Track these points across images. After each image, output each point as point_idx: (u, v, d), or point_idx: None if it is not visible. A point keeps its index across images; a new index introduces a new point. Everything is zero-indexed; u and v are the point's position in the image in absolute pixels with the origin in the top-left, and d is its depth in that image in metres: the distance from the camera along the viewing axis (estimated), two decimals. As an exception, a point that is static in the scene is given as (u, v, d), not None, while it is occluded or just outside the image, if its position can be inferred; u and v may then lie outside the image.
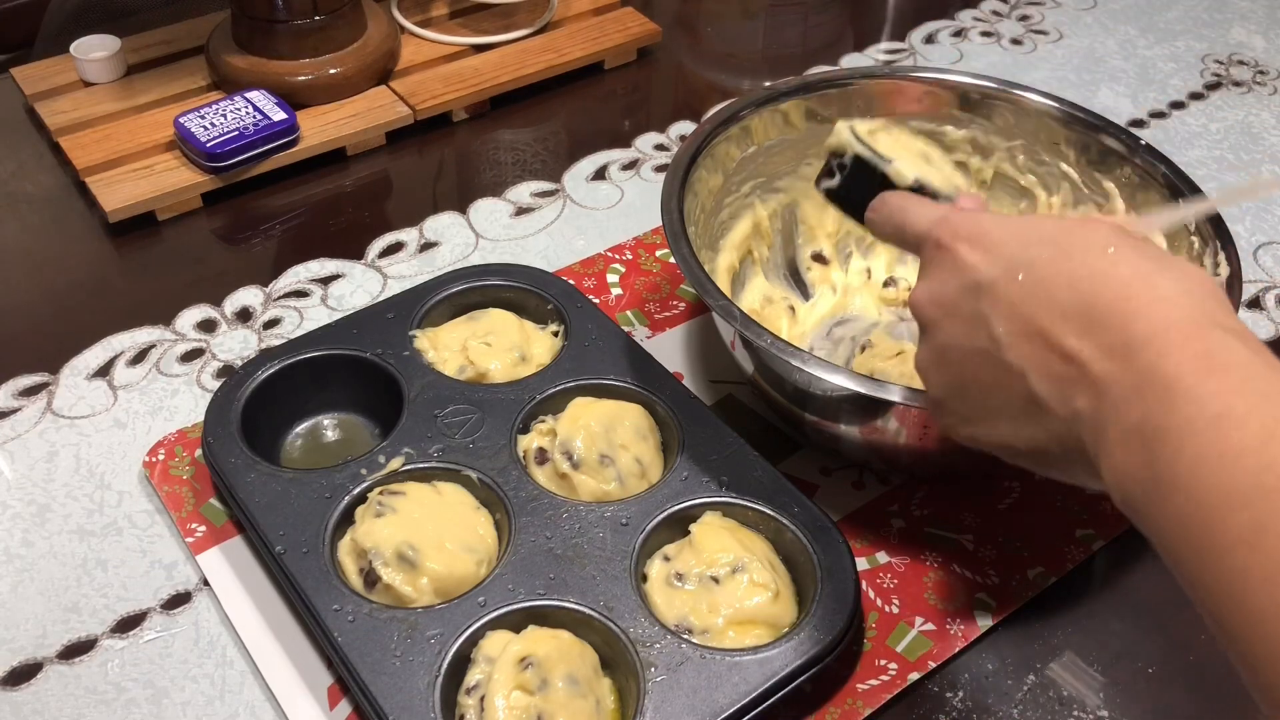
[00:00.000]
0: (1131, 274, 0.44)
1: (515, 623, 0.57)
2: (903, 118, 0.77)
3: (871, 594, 0.63)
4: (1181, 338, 0.41)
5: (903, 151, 0.62)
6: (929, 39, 1.12)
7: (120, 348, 0.77)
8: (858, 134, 0.62)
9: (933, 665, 0.60)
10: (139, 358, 0.76)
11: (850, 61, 1.08)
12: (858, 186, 0.61)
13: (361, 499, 0.62)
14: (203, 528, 0.65)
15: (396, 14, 1.04)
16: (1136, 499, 0.42)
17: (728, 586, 0.58)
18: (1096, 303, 0.43)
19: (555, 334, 0.73)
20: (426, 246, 0.85)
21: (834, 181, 0.62)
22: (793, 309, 0.79)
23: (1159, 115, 1.03)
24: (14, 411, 0.72)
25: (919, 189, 0.60)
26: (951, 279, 0.49)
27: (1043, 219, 0.49)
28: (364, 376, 0.69)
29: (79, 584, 0.63)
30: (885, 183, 0.60)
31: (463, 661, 0.56)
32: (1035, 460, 0.50)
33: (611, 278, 0.82)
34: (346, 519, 0.61)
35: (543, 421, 0.66)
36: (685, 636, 0.57)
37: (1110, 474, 0.43)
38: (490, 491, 0.63)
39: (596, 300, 0.78)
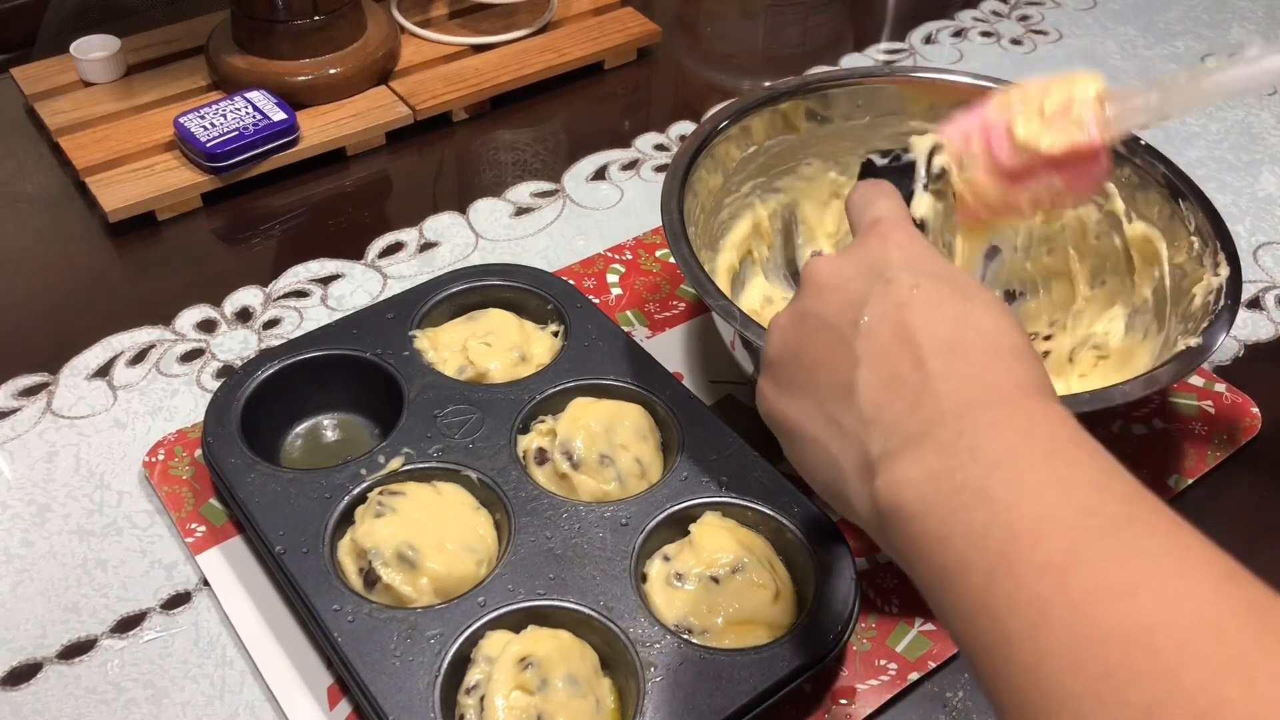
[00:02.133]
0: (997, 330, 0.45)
1: (515, 623, 0.57)
2: (903, 118, 0.77)
3: (871, 594, 0.63)
4: (1024, 403, 0.42)
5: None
6: (929, 39, 1.12)
7: (120, 348, 0.77)
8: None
9: (933, 665, 0.60)
10: (139, 358, 0.76)
11: (850, 61, 1.08)
12: (895, 180, 0.61)
13: (361, 499, 0.62)
14: (202, 528, 0.65)
15: (396, 14, 1.04)
16: (904, 513, 0.41)
17: (727, 586, 0.58)
18: (965, 343, 0.44)
19: (555, 334, 0.73)
20: (426, 246, 0.85)
21: (883, 162, 0.63)
22: (793, 309, 0.78)
23: (1159, 115, 1.03)
24: (14, 411, 0.72)
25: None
26: (862, 259, 0.49)
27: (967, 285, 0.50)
28: (364, 377, 0.69)
29: (79, 584, 0.63)
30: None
31: (463, 661, 0.56)
32: (806, 453, 0.49)
33: (611, 278, 0.82)
34: (346, 519, 0.61)
35: (543, 421, 0.66)
36: (685, 637, 0.57)
37: (886, 485, 0.42)
38: (490, 491, 0.63)
39: (596, 300, 0.78)
